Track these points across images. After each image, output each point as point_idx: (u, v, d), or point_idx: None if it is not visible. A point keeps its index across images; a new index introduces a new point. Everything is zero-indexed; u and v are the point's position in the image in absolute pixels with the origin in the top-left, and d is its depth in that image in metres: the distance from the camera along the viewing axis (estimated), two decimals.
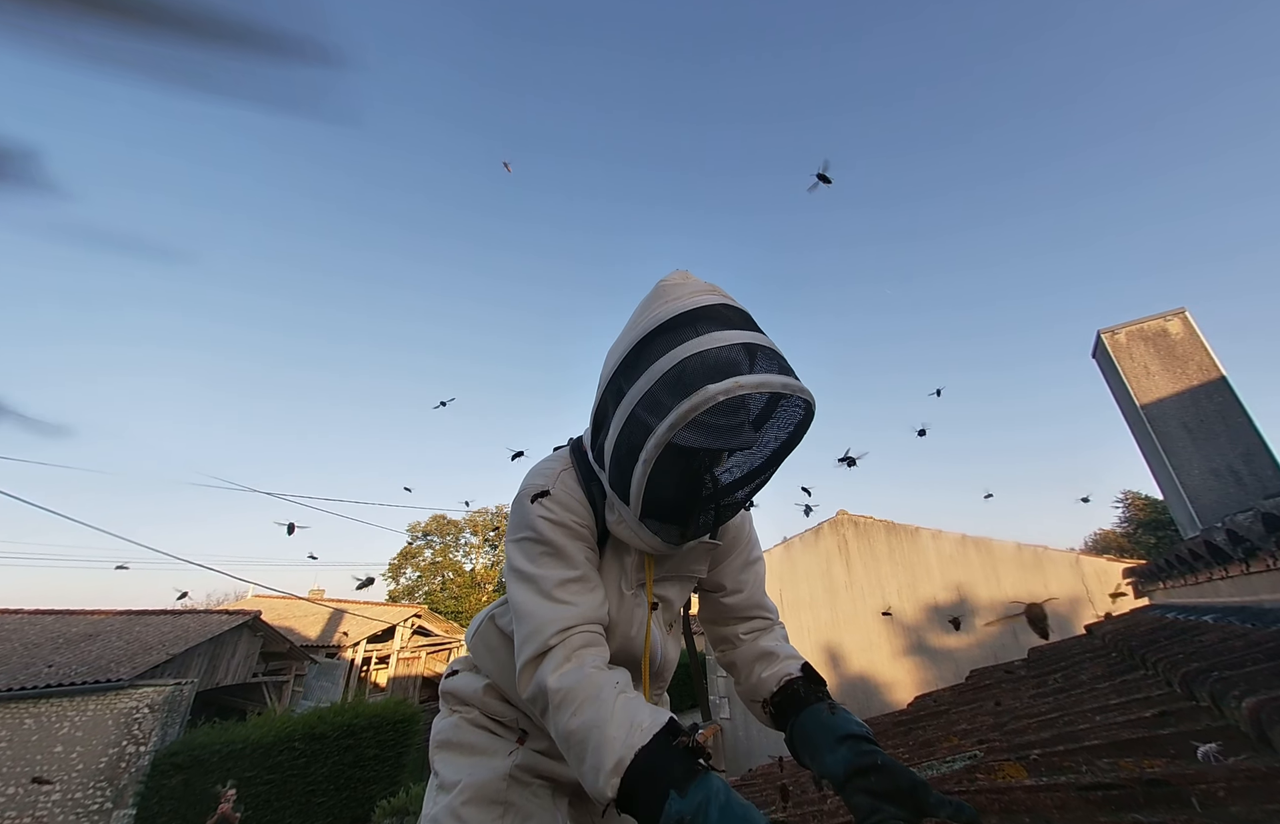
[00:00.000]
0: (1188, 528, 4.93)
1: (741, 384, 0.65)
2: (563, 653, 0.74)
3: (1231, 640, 1.81)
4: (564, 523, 0.82)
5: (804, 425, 0.79)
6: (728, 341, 0.69)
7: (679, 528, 0.84)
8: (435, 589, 29.51)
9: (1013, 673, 3.59)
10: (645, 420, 0.69)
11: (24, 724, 8.86)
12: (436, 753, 0.98)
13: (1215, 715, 1.09)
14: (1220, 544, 2.59)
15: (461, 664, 1.08)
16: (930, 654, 8.48)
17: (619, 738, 0.63)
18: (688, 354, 0.68)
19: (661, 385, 0.68)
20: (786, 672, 0.91)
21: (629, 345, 0.74)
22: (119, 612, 12.71)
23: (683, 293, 0.75)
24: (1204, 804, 0.59)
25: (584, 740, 0.66)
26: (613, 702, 0.67)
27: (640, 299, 0.82)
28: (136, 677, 9.49)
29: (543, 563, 0.81)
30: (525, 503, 0.85)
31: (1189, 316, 5.42)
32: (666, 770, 0.61)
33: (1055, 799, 0.65)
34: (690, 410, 0.64)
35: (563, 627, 0.75)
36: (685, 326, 0.71)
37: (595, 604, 0.81)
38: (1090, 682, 2.36)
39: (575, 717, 0.68)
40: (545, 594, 0.78)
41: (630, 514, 0.77)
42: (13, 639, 10.97)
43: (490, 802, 0.88)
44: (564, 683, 0.70)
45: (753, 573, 1.05)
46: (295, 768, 9.15)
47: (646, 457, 0.69)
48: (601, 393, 0.79)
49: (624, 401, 0.72)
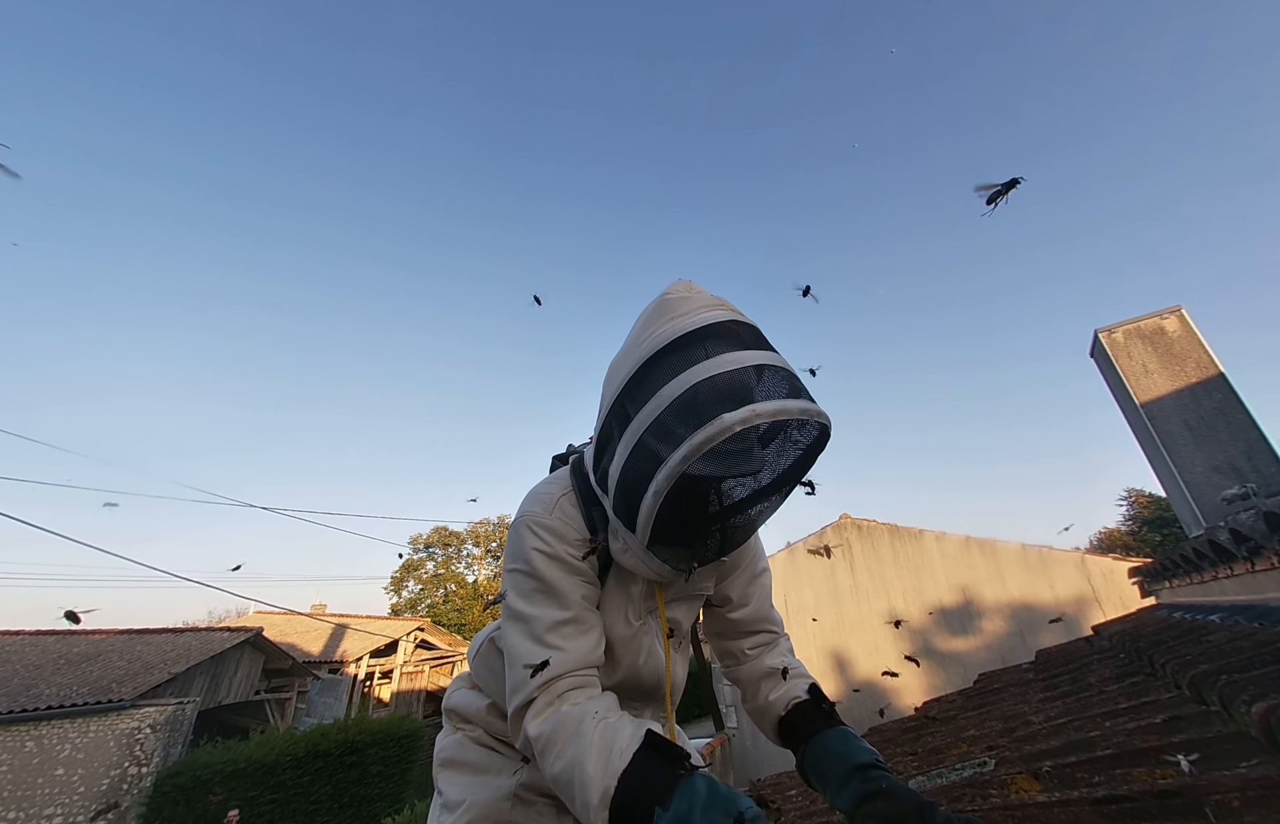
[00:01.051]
0: (1192, 526, 4.92)
1: (759, 413, 0.61)
2: (545, 700, 0.73)
3: (1239, 641, 1.81)
4: (559, 556, 0.79)
5: (818, 447, 0.76)
6: (740, 364, 0.65)
7: (688, 553, 0.81)
8: (438, 602, 29.33)
9: (1020, 676, 3.57)
10: (655, 449, 0.65)
11: (25, 747, 8.78)
12: (440, 771, 0.97)
13: (1225, 720, 1.08)
14: (1224, 543, 2.58)
15: (464, 681, 1.06)
16: (937, 658, 8.43)
17: (599, 769, 0.63)
18: (699, 379, 0.64)
19: (671, 412, 0.64)
20: (795, 695, 0.90)
21: (634, 366, 0.70)
22: (120, 631, 12.65)
23: (689, 308, 0.71)
24: (1219, 815, 0.59)
25: (570, 780, 0.65)
26: (591, 734, 0.66)
27: (641, 309, 0.78)
28: (138, 697, 9.43)
29: (535, 601, 0.78)
30: (521, 531, 0.81)
31: (1185, 314, 5.44)
32: (650, 787, 0.61)
33: (1069, 814, 0.65)
34: (705, 441, 0.61)
35: (549, 676, 0.73)
36: (694, 346, 0.67)
37: (588, 648, 0.78)
38: (1099, 685, 2.35)
39: (559, 760, 0.67)
40: (536, 638, 0.76)
41: (637, 543, 0.73)
42: (13, 661, 10.90)
43: (495, 821, 0.87)
44: (544, 729, 0.70)
45: (759, 586, 1.03)
46: (299, 787, 9.06)
47: (658, 488, 0.64)
48: (605, 415, 0.74)
49: (630, 428, 0.68)
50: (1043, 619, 8.16)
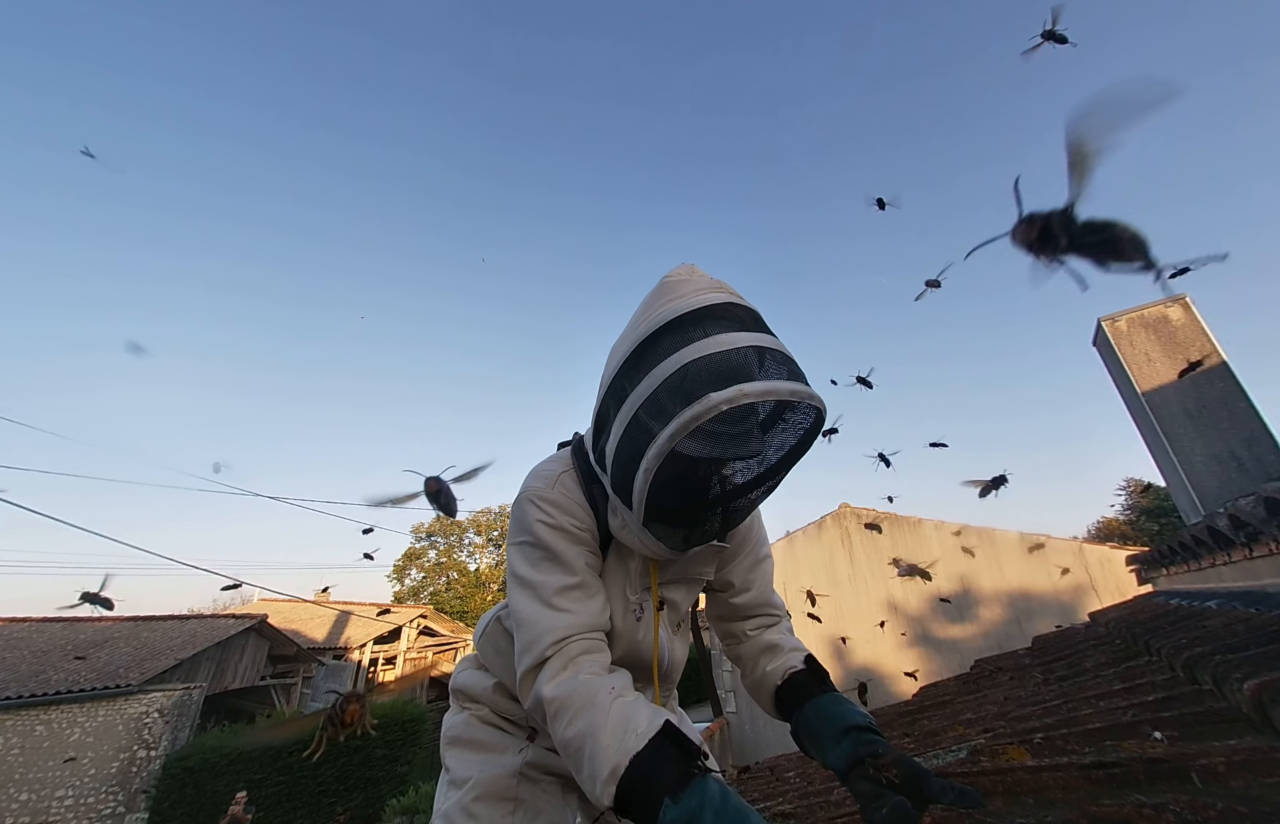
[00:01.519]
0: (1190, 514, 4.93)
1: (746, 392, 0.61)
2: (559, 662, 0.73)
3: (1235, 625, 1.82)
4: (562, 527, 0.81)
5: (813, 431, 0.77)
6: (734, 344, 0.65)
7: (685, 533, 0.81)
8: (440, 589, 29.62)
9: (1017, 662, 3.61)
10: (648, 425, 0.66)
11: (35, 731, 8.93)
12: (448, 749, 0.99)
13: (1218, 698, 1.10)
14: (1223, 529, 2.59)
15: (470, 662, 1.08)
16: (934, 645, 8.51)
17: (613, 745, 0.63)
18: (692, 358, 0.64)
19: (665, 389, 0.65)
20: (791, 665, 0.91)
21: (631, 345, 0.71)
22: (126, 618, 12.79)
23: (688, 290, 0.71)
24: (1204, 780, 0.60)
25: (580, 749, 0.65)
26: (608, 707, 0.66)
27: (644, 295, 0.78)
28: (145, 682, 9.57)
29: (542, 568, 0.80)
30: (525, 505, 0.83)
31: (1190, 303, 5.41)
32: (661, 776, 0.60)
33: (1058, 779, 0.66)
34: (692, 419, 0.61)
35: (560, 636, 0.74)
36: (691, 326, 0.67)
37: (595, 611, 0.80)
38: (1094, 669, 2.37)
39: (571, 725, 0.67)
40: (544, 601, 0.77)
41: (634, 519, 0.74)
42: (22, 647, 11.04)
43: (501, 798, 0.88)
44: (559, 692, 0.70)
45: (761, 572, 1.04)
46: (305, 769, 9.21)
47: (648, 465, 0.65)
48: (603, 394, 0.76)
49: (626, 404, 0.69)
50: (1040, 607, 8.23)
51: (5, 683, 9.46)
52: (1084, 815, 0.57)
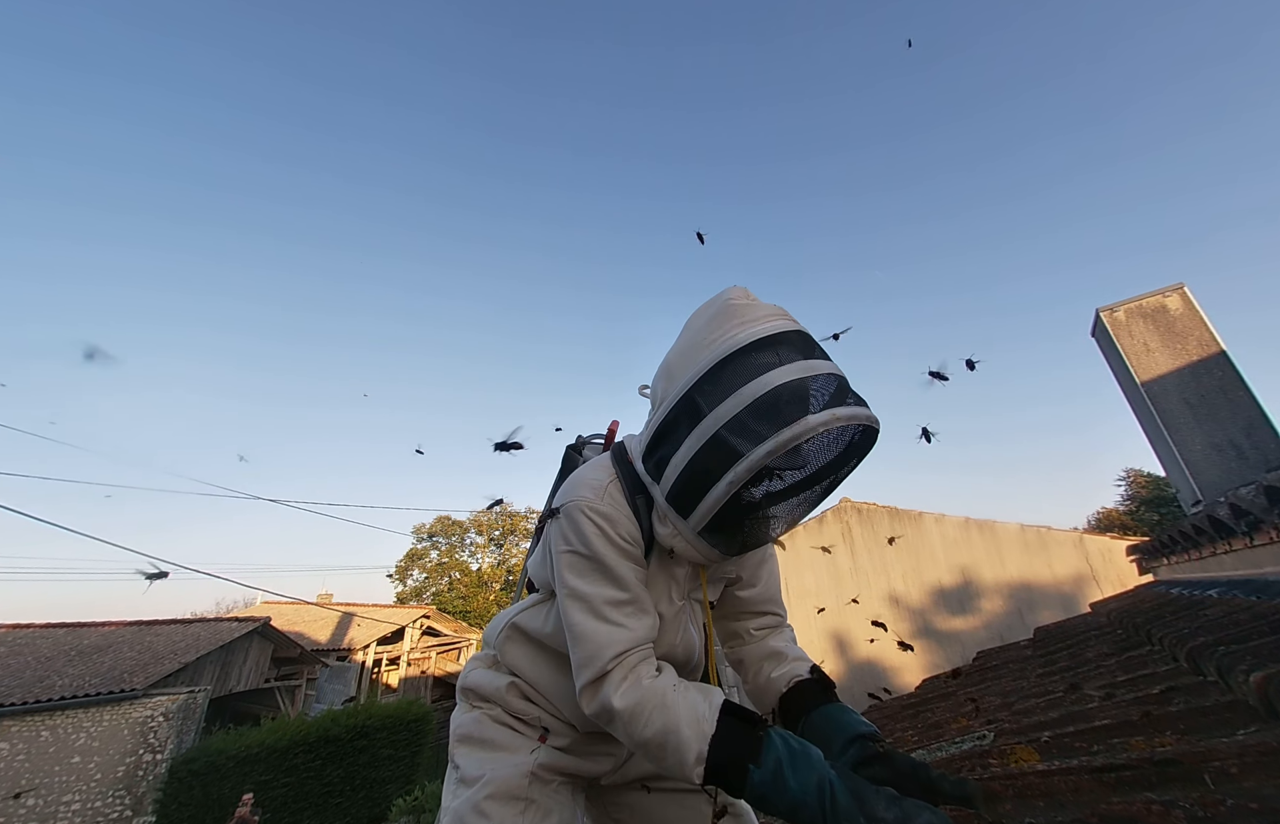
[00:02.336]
0: (1190, 504, 4.95)
1: (838, 417, 0.69)
2: (620, 674, 0.79)
3: (1237, 613, 1.83)
4: (613, 539, 0.84)
5: (867, 449, 0.83)
6: (814, 371, 0.73)
7: (740, 538, 0.85)
8: (443, 590, 29.64)
9: (1019, 653, 3.62)
10: (733, 442, 0.72)
11: (40, 737, 8.94)
12: (458, 747, 0.99)
13: (1223, 690, 1.10)
14: (1223, 518, 2.60)
15: (481, 662, 1.08)
16: (936, 637, 8.54)
17: (692, 735, 0.73)
18: (782, 382, 0.71)
19: (752, 411, 0.71)
20: (796, 673, 0.95)
21: (708, 363, 0.76)
22: (130, 623, 12.80)
23: (756, 315, 0.78)
24: (1216, 781, 0.60)
25: (662, 744, 0.74)
26: (677, 704, 0.76)
27: (693, 309, 0.86)
28: (150, 686, 9.57)
29: (594, 581, 0.83)
30: (576, 516, 0.85)
31: (1188, 292, 5.41)
32: (739, 748, 0.71)
33: (1069, 783, 0.66)
34: (791, 439, 0.68)
35: (620, 650, 0.80)
36: (768, 351, 0.74)
37: (648, 627, 0.84)
38: (1097, 660, 2.38)
39: (648, 727, 0.75)
40: (599, 615, 0.81)
41: (688, 528, 0.79)
42: (26, 653, 11.05)
43: (513, 797, 0.89)
44: (629, 701, 0.77)
45: (768, 568, 1.06)
46: (311, 770, 9.24)
47: (735, 477, 0.71)
48: (671, 406, 0.79)
49: (706, 421, 0.73)
50: (1041, 598, 8.25)
51: (10, 689, 9.47)
52: (1094, 814, 0.57)
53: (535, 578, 1.05)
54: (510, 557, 32.03)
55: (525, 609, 1.03)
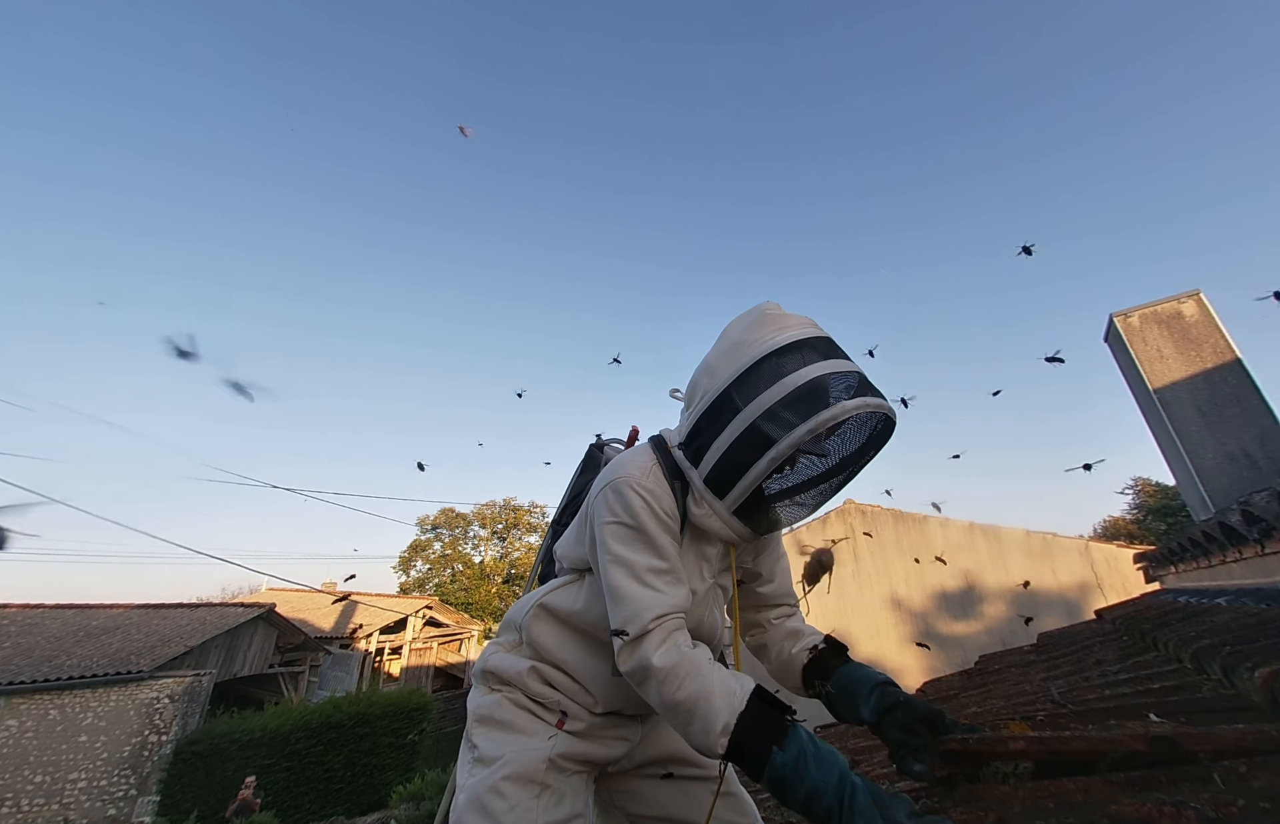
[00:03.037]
0: (1200, 513, 4.88)
1: (867, 404, 0.79)
2: (660, 635, 0.84)
3: (1245, 619, 1.80)
4: (657, 512, 0.91)
5: (884, 440, 0.92)
6: (842, 368, 0.84)
7: (771, 516, 0.95)
8: (445, 581, 29.83)
9: (1022, 657, 3.59)
10: (771, 427, 0.81)
11: (49, 715, 9.11)
12: (477, 727, 1.01)
13: (1226, 686, 1.09)
14: (1235, 525, 2.57)
15: (501, 646, 1.10)
16: (938, 641, 8.49)
17: (723, 706, 0.78)
18: (816, 374, 0.81)
19: (787, 401, 0.81)
20: (814, 644, 1.06)
21: (750, 360, 0.86)
22: (137, 605, 12.99)
23: (790, 322, 0.90)
24: (1226, 781, 0.59)
25: (692, 708, 0.79)
26: (711, 674, 0.81)
27: (733, 317, 0.98)
28: (156, 668, 9.72)
29: (636, 548, 0.90)
30: (622, 489, 0.92)
31: (1204, 299, 5.33)
32: (765, 728, 0.76)
33: (1079, 785, 0.66)
34: (830, 418, 0.77)
35: (659, 612, 0.85)
36: (806, 349, 0.85)
37: (683, 596, 0.90)
38: (1100, 664, 2.36)
39: (681, 689, 0.80)
40: (641, 580, 0.87)
41: (723, 508, 0.88)
42: (35, 633, 11.25)
43: (529, 781, 0.91)
44: (667, 661, 0.82)
45: (781, 566, 1.16)
46: (313, 756, 9.35)
47: (775, 455, 0.80)
48: (714, 398, 0.89)
49: (747, 409, 0.83)
50: (1045, 604, 8.18)
51: (19, 668, 9.65)
52: (1105, 816, 0.56)
53: (565, 558, 1.09)
54: (513, 550, 32.19)
55: (553, 589, 1.07)
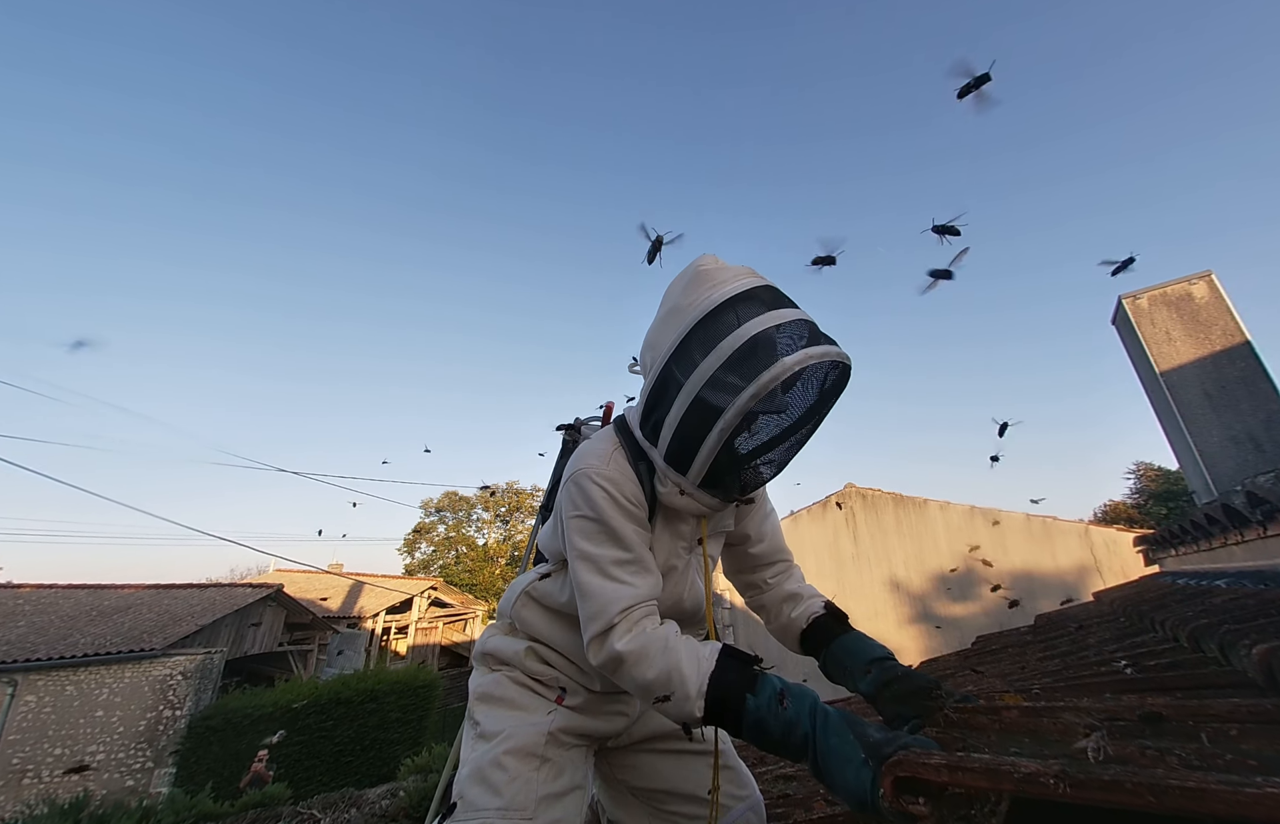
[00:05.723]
0: (1203, 496, 4.87)
1: (810, 355, 0.75)
2: (625, 626, 0.85)
3: (1244, 600, 1.81)
4: (618, 502, 0.89)
5: (841, 386, 0.87)
6: (784, 319, 0.78)
7: (737, 484, 0.91)
8: (450, 563, 30.26)
9: (1019, 638, 3.63)
10: (718, 394, 0.77)
11: (65, 691, 9.35)
12: (478, 704, 1.03)
13: (1222, 664, 1.10)
14: (1239, 507, 2.56)
15: (499, 628, 1.13)
16: (936, 622, 8.58)
17: (692, 672, 0.79)
18: (755, 332, 0.76)
19: (731, 362, 0.76)
20: (813, 610, 1.05)
21: (685, 327, 0.81)
22: (148, 585, 13.24)
23: (725, 277, 0.83)
24: (1214, 740, 0.60)
25: (666, 682, 0.80)
26: (678, 646, 0.82)
27: (669, 282, 0.92)
28: (169, 646, 9.94)
29: (601, 543, 0.89)
30: (583, 482, 0.90)
31: (1215, 280, 5.24)
32: (736, 682, 0.78)
33: (1056, 723, 0.67)
34: (770, 381, 0.73)
35: (625, 605, 0.85)
36: (741, 306, 0.80)
37: (651, 584, 0.89)
38: (1098, 645, 2.38)
39: (651, 668, 0.81)
40: (606, 574, 0.87)
41: (689, 482, 0.85)
42: (50, 612, 11.49)
43: (530, 754, 0.93)
44: (633, 646, 0.83)
45: (770, 522, 1.15)
46: (323, 730, 9.59)
47: (724, 425, 0.76)
48: (658, 373, 0.85)
49: (691, 379, 0.79)
50: (1044, 587, 8.24)
51: (35, 646, 9.88)
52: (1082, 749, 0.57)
53: (546, 549, 1.09)
54: (516, 532, 32.56)
55: (537, 580, 1.08)
